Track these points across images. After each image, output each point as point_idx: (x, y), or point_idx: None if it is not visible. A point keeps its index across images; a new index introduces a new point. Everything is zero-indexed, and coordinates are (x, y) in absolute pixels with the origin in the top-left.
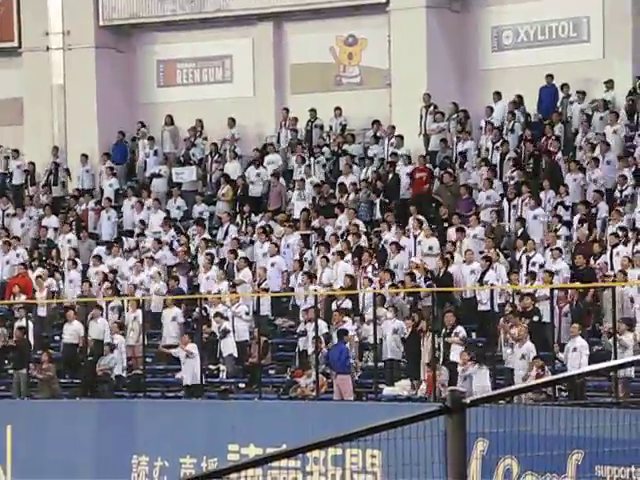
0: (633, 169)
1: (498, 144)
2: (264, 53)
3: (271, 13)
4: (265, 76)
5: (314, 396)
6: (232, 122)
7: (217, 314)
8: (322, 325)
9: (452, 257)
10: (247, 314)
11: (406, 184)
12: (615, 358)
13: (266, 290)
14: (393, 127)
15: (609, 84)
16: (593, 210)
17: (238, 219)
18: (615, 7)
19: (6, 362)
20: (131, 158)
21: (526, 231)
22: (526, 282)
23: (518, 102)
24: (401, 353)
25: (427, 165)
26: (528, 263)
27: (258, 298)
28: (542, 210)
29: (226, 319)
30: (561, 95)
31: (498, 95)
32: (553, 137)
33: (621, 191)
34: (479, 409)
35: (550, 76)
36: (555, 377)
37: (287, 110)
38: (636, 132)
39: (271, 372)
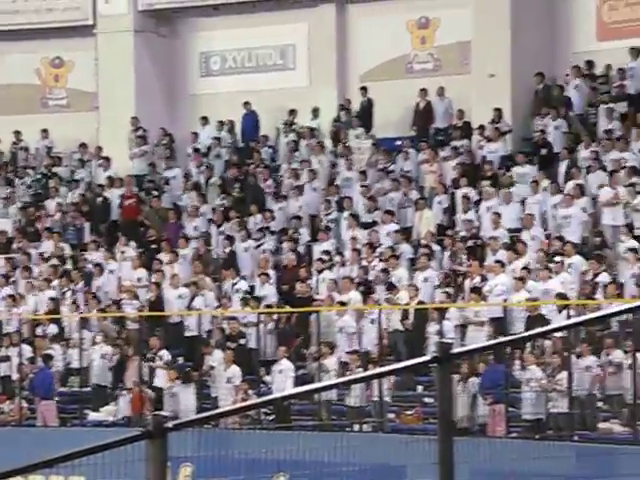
0: (336, 197)
1: (203, 169)
2: None
3: None
4: None
5: (17, 422)
6: None
7: None
8: (26, 350)
9: (161, 282)
10: None
11: (116, 207)
12: (319, 381)
13: None
14: (100, 148)
15: (315, 112)
16: (299, 235)
17: None
18: (320, 36)
19: None
20: None
21: (233, 258)
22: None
23: (225, 127)
24: (108, 379)
25: (134, 190)
26: (233, 289)
27: None
28: (252, 242)
29: None
30: (268, 121)
31: (204, 120)
32: (259, 163)
33: (327, 214)
34: (184, 433)
35: (248, 103)
36: (260, 400)
37: None
38: (339, 159)
39: None
